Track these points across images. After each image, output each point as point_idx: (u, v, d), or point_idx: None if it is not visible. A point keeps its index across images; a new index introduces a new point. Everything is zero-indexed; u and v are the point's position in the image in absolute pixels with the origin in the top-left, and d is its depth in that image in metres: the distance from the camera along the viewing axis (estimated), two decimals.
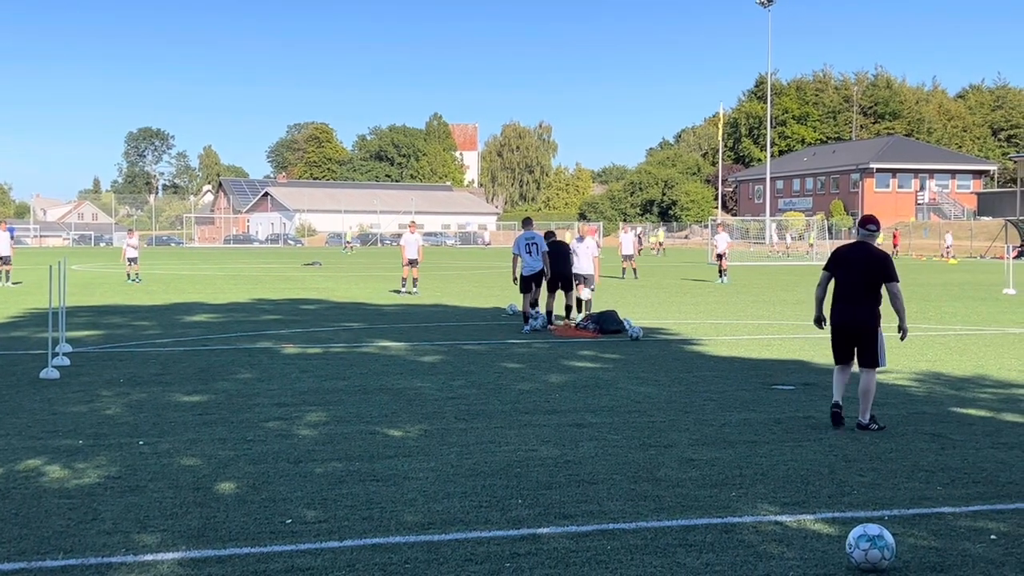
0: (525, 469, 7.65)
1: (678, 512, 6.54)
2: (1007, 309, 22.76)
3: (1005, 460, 8.00)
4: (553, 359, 14.05)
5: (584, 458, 8.02)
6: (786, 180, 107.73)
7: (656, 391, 11.32)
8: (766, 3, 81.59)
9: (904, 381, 12.06)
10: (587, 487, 7.15)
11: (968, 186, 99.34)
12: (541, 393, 11.12)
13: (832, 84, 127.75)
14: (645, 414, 9.93)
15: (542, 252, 18.12)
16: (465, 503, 6.73)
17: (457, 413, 9.92)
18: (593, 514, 6.49)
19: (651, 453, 8.22)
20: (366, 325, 18.74)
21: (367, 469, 7.63)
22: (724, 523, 6.32)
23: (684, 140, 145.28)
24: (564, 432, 9.02)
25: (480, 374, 12.52)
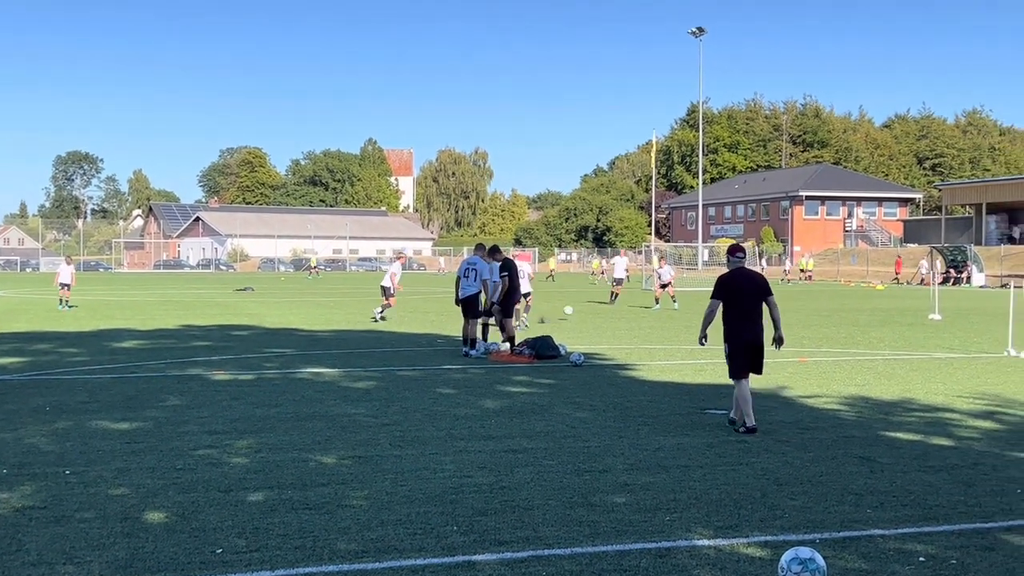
0: (460, 496, 7.61)
1: (613, 537, 6.55)
2: (933, 334, 23.25)
3: (932, 483, 8.14)
4: (488, 384, 14.03)
5: (519, 484, 8.00)
6: (718, 207, 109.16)
7: (591, 416, 11.35)
8: (697, 33, 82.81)
9: (834, 405, 12.24)
10: (522, 513, 7.13)
11: (894, 213, 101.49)
12: (476, 419, 11.09)
13: (762, 113, 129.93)
14: (580, 439, 9.95)
15: (483, 279, 18.27)
16: (399, 531, 6.67)
17: (391, 440, 9.85)
18: (528, 540, 6.47)
19: (586, 478, 8.23)
20: (299, 351, 18.57)
21: (299, 497, 7.54)
22: (659, 548, 6.34)
23: (618, 167, 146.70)
24: (499, 458, 9.00)
25: (415, 400, 12.46)
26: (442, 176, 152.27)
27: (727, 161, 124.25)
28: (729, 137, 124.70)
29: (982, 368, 16.32)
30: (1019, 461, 8.96)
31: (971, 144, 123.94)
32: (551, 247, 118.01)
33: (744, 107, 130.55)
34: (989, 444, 9.79)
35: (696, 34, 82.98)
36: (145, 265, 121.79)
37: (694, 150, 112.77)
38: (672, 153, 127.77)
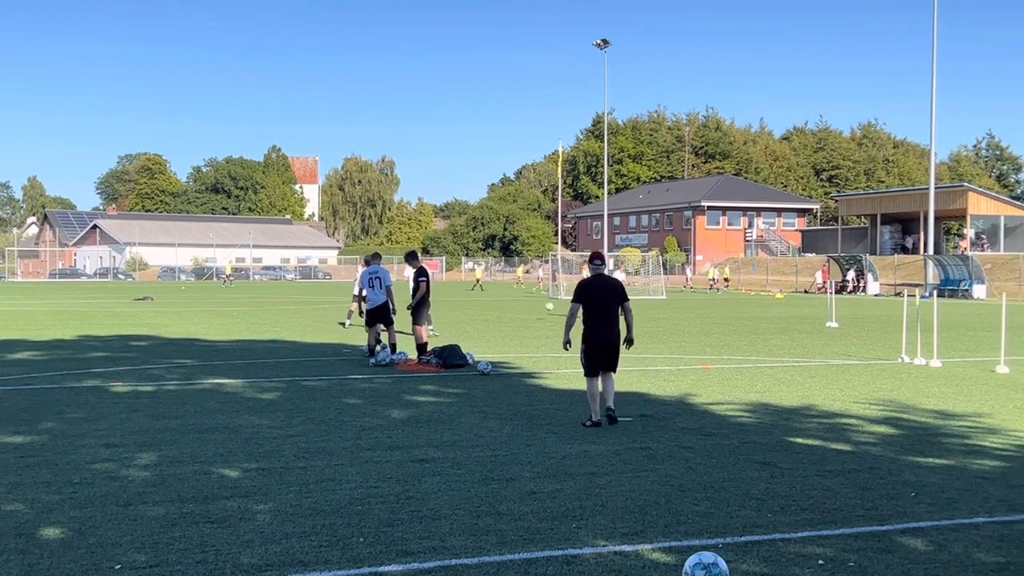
0: (366, 506, 7.55)
1: (520, 545, 6.56)
2: (830, 341, 23.84)
3: (831, 487, 8.34)
4: (395, 394, 13.95)
5: (426, 494, 7.97)
6: (623, 217, 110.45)
7: (498, 425, 11.37)
8: (602, 45, 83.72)
9: (736, 412, 12.46)
10: (429, 523, 7.10)
11: (793, 223, 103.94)
12: (383, 429, 11.02)
13: (666, 124, 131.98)
14: (488, 448, 9.95)
15: (386, 286, 18.32)
16: (304, 543, 6.59)
17: (296, 451, 9.73)
18: (435, 550, 6.45)
19: (494, 487, 8.24)
20: (201, 362, 18.23)
21: (201, 511, 7.39)
22: (565, 555, 6.37)
23: (525, 176, 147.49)
24: (406, 468, 8.95)
25: (320, 410, 12.33)
26: (348, 184, 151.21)
27: (632, 171, 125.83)
28: (633, 148, 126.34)
29: (877, 374, 16.78)
30: (913, 465, 9.23)
31: (866, 156, 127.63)
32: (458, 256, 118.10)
33: (648, 119, 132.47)
34: (885, 448, 10.07)
35: (601, 46, 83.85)
36: (40, 274, 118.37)
37: (599, 160, 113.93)
38: (578, 163, 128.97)
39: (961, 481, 8.54)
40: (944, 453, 9.82)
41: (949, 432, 11.06)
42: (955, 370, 17.44)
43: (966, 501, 7.84)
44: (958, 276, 57.97)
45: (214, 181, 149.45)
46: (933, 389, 14.78)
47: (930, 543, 6.70)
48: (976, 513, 7.48)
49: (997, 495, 8.04)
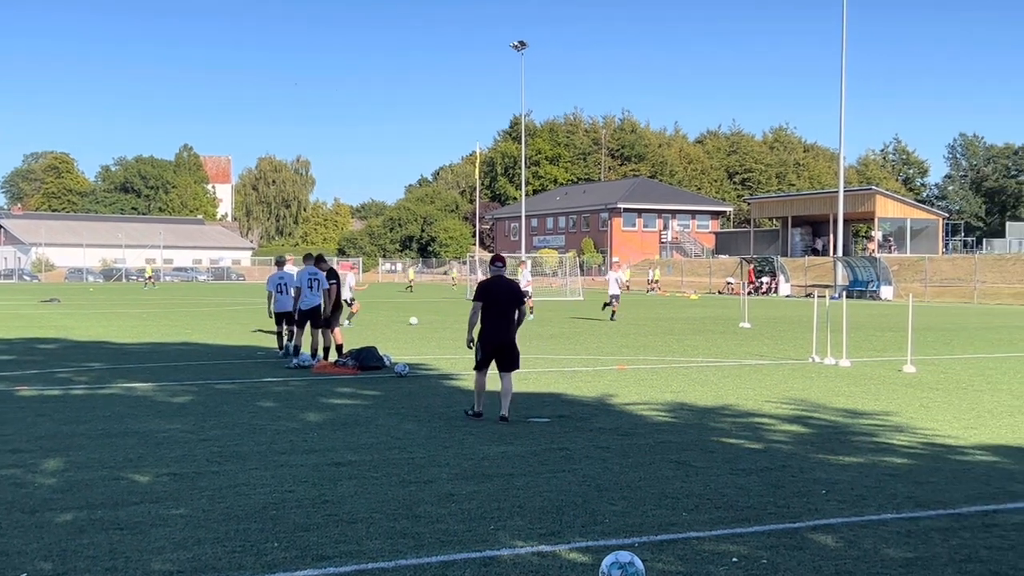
0: (281, 511, 7.45)
1: (437, 548, 6.53)
2: (743, 342, 24.23)
3: (744, 485, 8.46)
4: (311, 397, 13.80)
5: (343, 497, 7.89)
6: (540, 218, 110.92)
7: (416, 427, 11.32)
8: (519, 47, 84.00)
9: (651, 412, 12.58)
10: (346, 527, 7.03)
11: (707, 226, 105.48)
12: (298, 432, 10.89)
13: (582, 127, 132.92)
14: (405, 450, 9.90)
15: (323, 289, 18.18)
16: (217, 549, 6.47)
17: (209, 455, 9.56)
18: (352, 554, 6.39)
19: (411, 489, 8.19)
20: (110, 365, 17.82)
21: (110, 517, 7.22)
22: (483, 557, 6.36)
23: (442, 178, 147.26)
24: (322, 471, 8.85)
25: (234, 414, 12.14)
26: (262, 184, 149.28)
27: (549, 173, 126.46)
28: (551, 150, 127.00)
29: (789, 374, 17.10)
30: (824, 463, 9.41)
31: (777, 160, 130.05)
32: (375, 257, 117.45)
33: (564, 121, 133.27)
34: (796, 447, 10.26)
35: (518, 48, 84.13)
36: None
37: (517, 162, 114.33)
38: (496, 165, 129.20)
39: (870, 478, 8.73)
40: (853, 451, 10.03)
41: (858, 430, 11.31)
42: (863, 370, 17.85)
43: (875, 498, 8.02)
44: (866, 277, 59.41)
45: (123, 180, 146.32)
46: (842, 388, 15.11)
47: (840, 539, 6.84)
48: (884, 510, 7.65)
49: (904, 492, 8.24)
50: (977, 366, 18.60)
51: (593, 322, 32.39)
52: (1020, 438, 10.84)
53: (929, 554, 6.50)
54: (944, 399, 13.94)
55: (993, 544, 6.72)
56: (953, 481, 8.64)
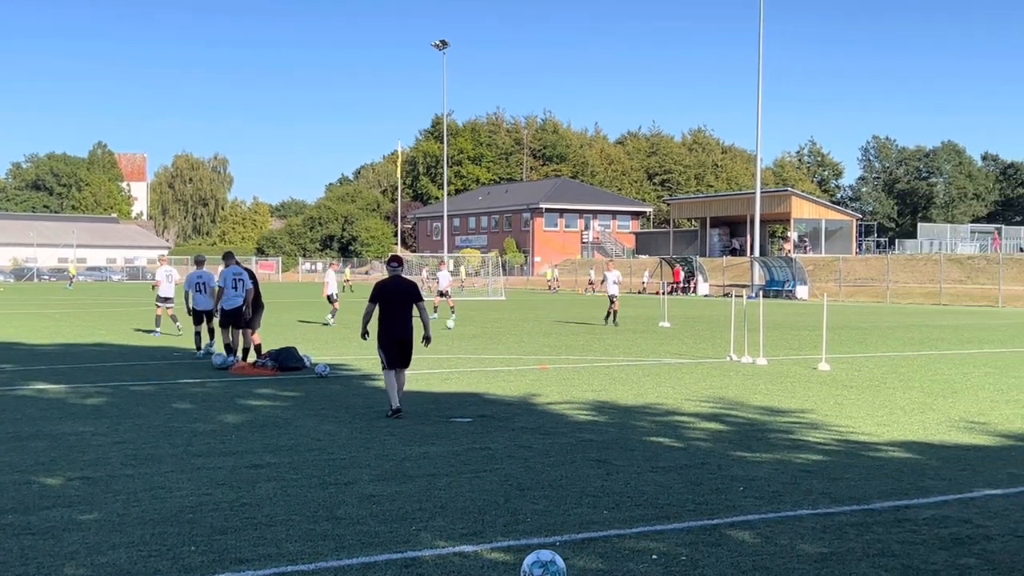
0: (198, 514, 7.33)
1: (359, 550, 6.48)
2: (664, 341, 24.49)
3: (663, 483, 8.54)
4: (229, 398, 13.60)
5: (261, 500, 7.79)
6: (463, 218, 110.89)
7: (337, 428, 11.22)
8: (441, 46, 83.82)
9: (572, 411, 12.64)
10: (264, 529, 6.94)
11: (628, 226, 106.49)
12: (216, 434, 10.72)
13: (504, 127, 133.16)
14: (325, 452, 9.81)
15: (246, 290, 17.93)
16: (133, 553, 6.34)
17: (124, 459, 9.36)
18: (271, 557, 6.30)
19: (331, 491, 8.11)
20: (20, 366, 17.35)
21: (21, 522, 7.02)
22: (405, 558, 6.33)
23: (364, 176, 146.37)
24: (240, 474, 8.73)
25: (149, 416, 11.91)
26: (178, 182, 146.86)
27: (471, 173, 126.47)
28: (473, 149, 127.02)
29: (707, 372, 17.33)
30: (741, 460, 9.55)
31: (696, 161, 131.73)
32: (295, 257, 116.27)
33: (487, 121, 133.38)
34: (715, 444, 10.39)
35: (440, 47, 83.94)
36: None
37: (439, 161, 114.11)
38: (418, 164, 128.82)
39: (786, 475, 8.88)
40: (770, 448, 10.20)
41: (775, 428, 11.50)
42: (780, 368, 18.16)
43: (790, 494, 8.16)
44: (782, 277, 60.48)
45: (35, 178, 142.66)
46: (759, 386, 15.36)
47: (757, 535, 6.94)
48: (800, 505, 7.79)
49: (819, 488, 8.39)
50: (890, 364, 19.05)
51: (515, 321, 32.46)
52: (931, 434, 11.12)
53: (844, 549, 6.63)
54: (858, 396, 14.25)
55: (905, 538, 6.88)
56: (867, 477, 8.83)
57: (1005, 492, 8.28)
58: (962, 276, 58.29)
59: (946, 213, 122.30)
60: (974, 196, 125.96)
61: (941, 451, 10.11)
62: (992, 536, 6.94)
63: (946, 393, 14.64)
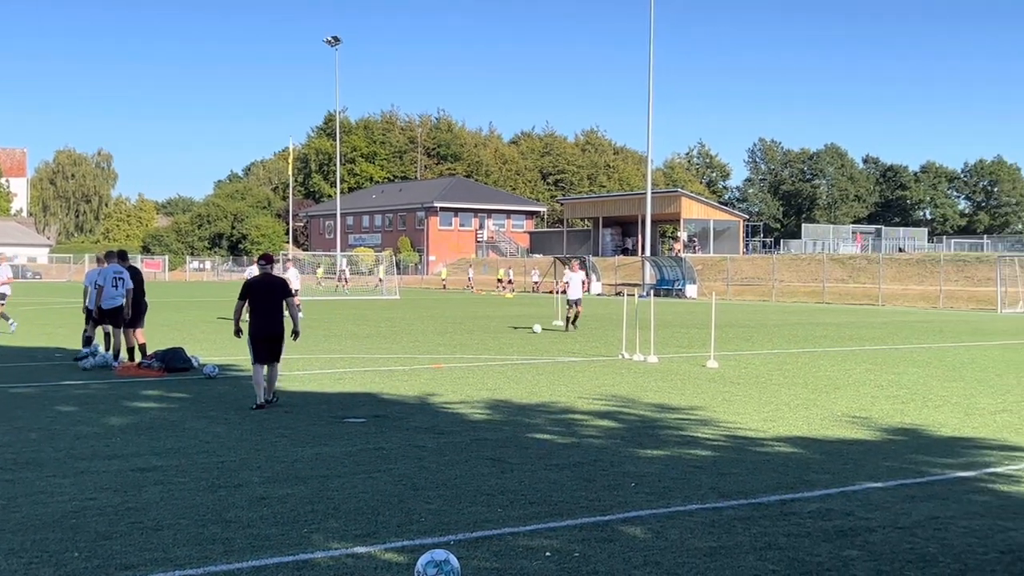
0: (82, 519, 7.11)
1: (249, 553, 6.37)
2: (557, 340, 24.67)
3: (557, 480, 8.61)
4: (114, 400, 13.25)
5: (148, 504, 7.60)
6: (356, 216, 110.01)
7: (226, 430, 11.02)
8: (333, 42, 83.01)
9: (467, 410, 12.65)
10: (151, 534, 6.77)
11: (522, 225, 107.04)
12: (100, 437, 10.43)
13: (398, 125, 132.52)
14: (215, 454, 9.62)
15: (127, 289, 17.44)
16: (13, 561, 6.12)
17: (2, 463, 9.04)
18: (158, 562, 6.16)
19: (221, 494, 7.96)
20: None
21: None
22: (297, 560, 6.24)
23: (254, 174, 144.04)
24: (126, 477, 8.50)
25: (30, 419, 11.52)
26: (60, 178, 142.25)
27: (365, 171, 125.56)
28: (366, 147, 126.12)
29: (600, 370, 17.52)
30: (633, 457, 9.68)
31: (589, 162, 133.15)
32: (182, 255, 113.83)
33: (380, 118, 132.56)
34: (607, 441, 10.51)
35: (332, 43, 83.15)
36: None
37: (332, 159, 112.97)
38: (310, 161, 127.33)
39: (676, 470, 9.04)
40: (661, 444, 10.36)
41: (666, 424, 11.69)
42: (670, 365, 18.47)
43: (681, 489, 8.30)
44: (673, 276, 61.51)
45: None
46: (651, 384, 15.59)
47: (648, 531, 7.04)
48: (690, 500, 7.93)
49: (708, 483, 8.56)
50: (775, 361, 19.54)
51: (409, 321, 32.34)
52: (815, 429, 11.44)
53: (732, 543, 6.77)
54: (745, 393, 14.57)
55: (791, 531, 7.06)
56: (754, 471, 9.04)
57: (885, 485, 8.56)
58: (844, 275, 60.12)
59: (829, 214, 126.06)
60: (856, 198, 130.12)
61: (824, 445, 10.41)
62: (874, 528, 7.17)
63: (829, 389, 15.08)
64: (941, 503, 7.92)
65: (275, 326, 12.68)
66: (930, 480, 8.79)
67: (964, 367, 18.57)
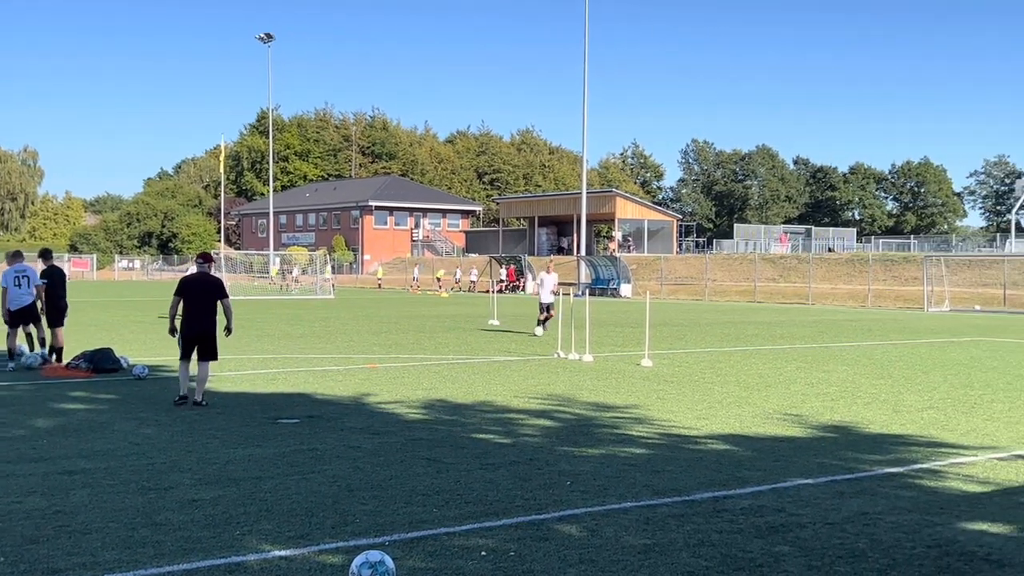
0: (8, 524, 6.95)
1: (180, 556, 6.27)
2: (493, 339, 24.68)
3: (492, 479, 8.60)
4: (40, 402, 12.96)
5: (76, 507, 7.45)
6: (289, 215, 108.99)
7: (156, 431, 10.84)
8: (266, 39, 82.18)
9: (402, 410, 12.59)
10: (79, 538, 6.64)
11: (458, 224, 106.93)
12: (26, 440, 10.19)
13: (332, 123, 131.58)
14: (145, 456, 9.46)
15: (35, 285, 17.06)
16: None
17: None
18: (86, 566, 6.03)
19: (151, 497, 7.83)
20: None
21: None
22: (229, 563, 6.16)
23: (185, 171, 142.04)
24: (53, 480, 8.32)
25: None
26: None
27: (298, 169, 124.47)
28: (300, 145, 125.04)
29: (536, 369, 17.56)
30: (569, 455, 9.71)
31: (524, 161, 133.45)
32: (111, 254, 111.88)
33: (314, 116, 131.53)
34: (543, 440, 10.53)
35: (265, 40, 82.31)
36: None
37: (264, 156, 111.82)
38: (242, 159, 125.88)
39: (611, 469, 9.08)
40: (596, 443, 10.41)
41: (601, 423, 11.74)
42: (606, 364, 18.57)
43: (615, 487, 8.34)
44: (608, 276, 61.89)
45: None
46: (586, 383, 15.66)
47: (584, 529, 7.07)
48: (625, 498, 7.97)
49: (643, 481, 8.62)
50: (708, 359, 19.74)
51: (344, 320, 32.12)
52: (747, 427, 11.57)
53: (666, 540, 6.82)
54: (679, 391, 14.70)
55: (724, 528, 7.14)
56: (687, 469, 9.12)
57: (816, 481, 8.69)
58: (775, 275, 61.00)
59: (761, 214, 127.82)
60: (786, 198, 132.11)
61: (756, 443, 10.54)
62: (804, 524, 7.27)
63: (760, 387, 15.27)
64: (870, 499, 8.06)
65: (207, 325, 12.77)
66: (859, 476, 8.94)
67: (892, 365, 18.94)
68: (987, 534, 7.05)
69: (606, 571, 6.11)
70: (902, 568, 6.26)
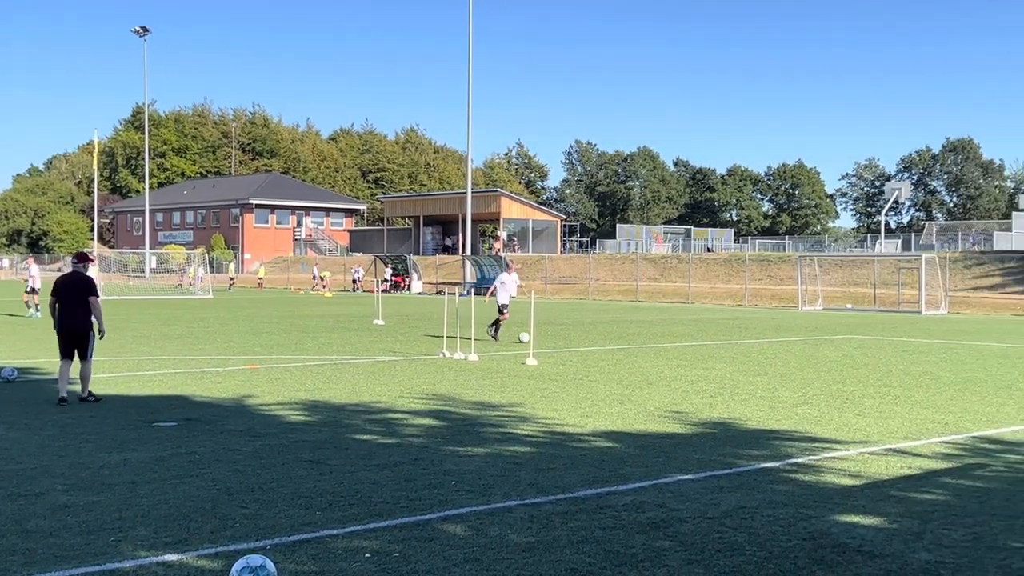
0: None
1: (52, 564, 6.06)
2: (377, 338, 24.51)
3: (377, 480, 8.54)
4: None
5: None
6: (166, 213, 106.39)
7: (26, 435, 10.45)
8: (141, 32, 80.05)
9: (285, 411, 12.41)
10: None
11: (341, 223, 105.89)
12: None
13: (211, 119, 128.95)
14: (14, 461, 9.11)
15: None
16: None
17: None
18: None
19: (20, 503, 7.55)
20: None
21: None
22: (103, 570, 5.98)
23: (56, 167, 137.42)
24: None
25: None
26: None
27: (176, 166, 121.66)
28: (178, 141, 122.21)
29: (421, 369, 17.50)
30: (454, 455, 9.70)
31: (409, 160, 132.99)
32: None
33: (192, 112, 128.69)
34: (428, 440, 10.50)
35: (140, 33, 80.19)
36: None
37: (140, 153, 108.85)
38: (116, 155, 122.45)
39: (496, 467, 9.11)
40: (482, 442, 10.42)
41: (486, 422, 11.77)
42: (490, 363, 18.62)
43: (500, 486, 8.37)
44: (493, 275, 61.94)
45: None
46: (471, 382, 15.67)
47: (468, 528, 7.07)
48: (509, 497, 8.01)
49: (527, 479, 8.66)
50: (592, 358, 19.97)
51: (224, 321, 31.50)
52: (630, 424, 11.74)
53: (550, 537, 6.87)
54: (563, 389, 14.83)
55: (607, 524, 7.22)
56: (571, 467, 9.20)
57: (696, 477, 8.87)
58: (656, 274, 62.08)
59: (642, 215, 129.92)
60: (667, 199, 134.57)
61: (639, 439, 10.70)
62: (684, 519, 7.41)
63: (642, 385, 15.52)
64: (748, 493, 8.26)
65: (77, 323, 13.12)
66: (737, 471, 9.15)
67: (768, 362, 19.46)
68: (859, 526, 7.29)
69: (491, 570, 6.13)
70: (778, 560, 6.43)
